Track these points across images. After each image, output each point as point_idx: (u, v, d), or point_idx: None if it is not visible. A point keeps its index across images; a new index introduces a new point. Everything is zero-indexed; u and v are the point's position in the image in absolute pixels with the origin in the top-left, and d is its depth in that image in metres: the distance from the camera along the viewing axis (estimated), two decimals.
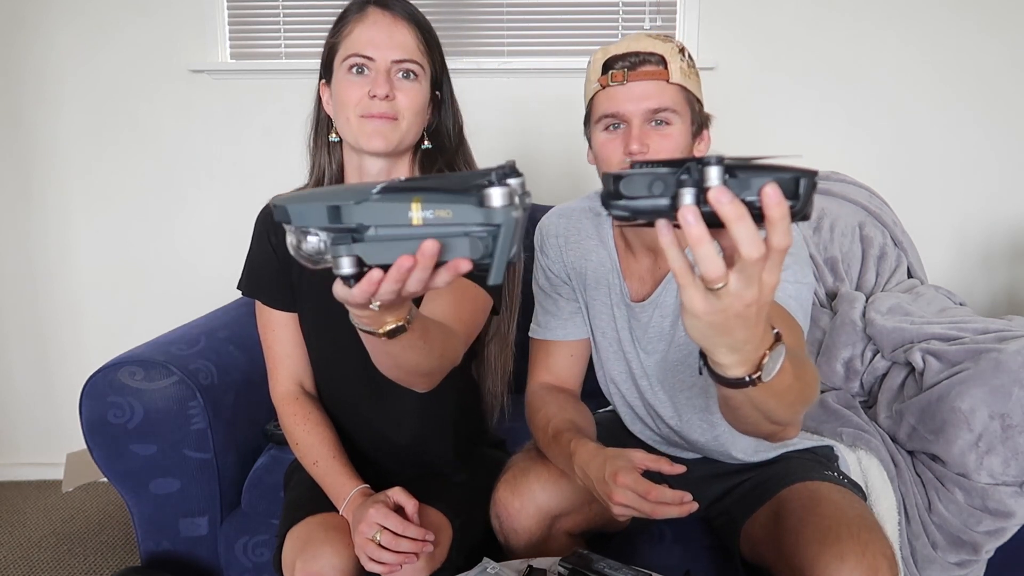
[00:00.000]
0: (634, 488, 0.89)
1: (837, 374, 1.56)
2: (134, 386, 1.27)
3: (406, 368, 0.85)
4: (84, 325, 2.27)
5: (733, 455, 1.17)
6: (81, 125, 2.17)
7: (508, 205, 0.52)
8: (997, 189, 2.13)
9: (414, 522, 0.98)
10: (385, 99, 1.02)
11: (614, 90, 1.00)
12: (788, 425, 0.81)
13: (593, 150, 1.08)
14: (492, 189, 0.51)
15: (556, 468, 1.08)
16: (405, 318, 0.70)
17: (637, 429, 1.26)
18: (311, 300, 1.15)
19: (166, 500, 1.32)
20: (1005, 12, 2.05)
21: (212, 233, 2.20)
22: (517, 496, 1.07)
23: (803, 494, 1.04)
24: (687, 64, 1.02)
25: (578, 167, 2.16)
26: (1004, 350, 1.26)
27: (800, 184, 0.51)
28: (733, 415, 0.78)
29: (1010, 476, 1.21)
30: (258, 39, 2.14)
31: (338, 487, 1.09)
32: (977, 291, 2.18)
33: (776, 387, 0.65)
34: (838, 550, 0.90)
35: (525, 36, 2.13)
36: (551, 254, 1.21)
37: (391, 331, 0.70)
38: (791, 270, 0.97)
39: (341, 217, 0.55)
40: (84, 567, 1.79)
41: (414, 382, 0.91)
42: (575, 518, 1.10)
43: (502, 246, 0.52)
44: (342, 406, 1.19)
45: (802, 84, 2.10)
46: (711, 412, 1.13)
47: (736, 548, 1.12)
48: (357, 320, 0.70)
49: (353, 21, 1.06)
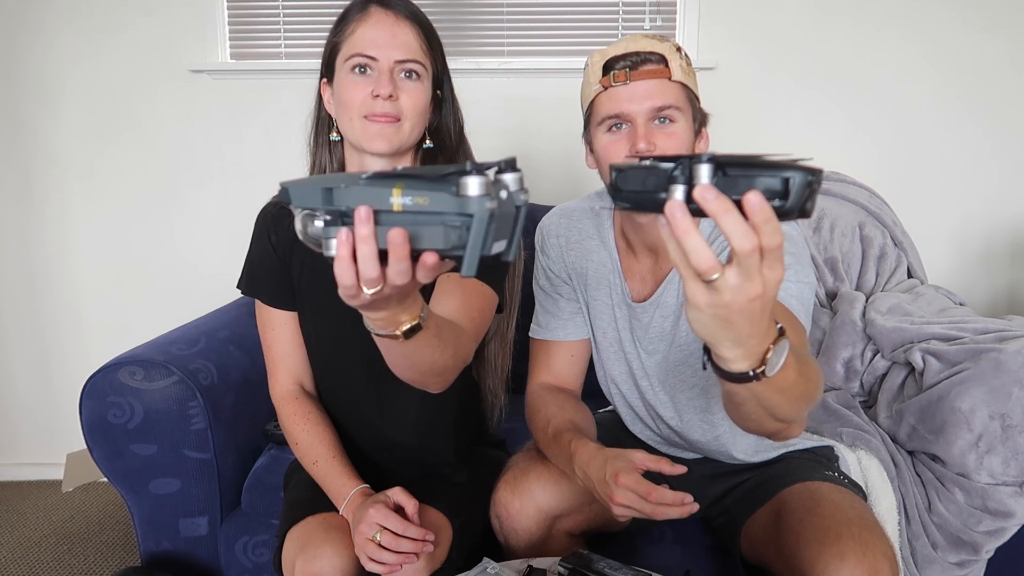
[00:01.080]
0: (635, 489, 0.89)
1: (837, 374, 1.56)
2: (134, 386, 1.27)
3: (421, 368, 0.85)
4: (84, 325, 2.27)
5: (734, 455, 1.17)
6: (81, 125, 2.17)
7: (483, 195, 0.50)
8: (997, 189, 2.13)
9: (414, 522, 0.98)
10: (388, 99, 1.02)
11: (616, 90, 1.00)
12: (792, 423, 0.82)
13: (595, 153, 1.07)
14: (468, 178, 0.50)
15: (556, 468, 1.08)
16: (419, 316, 0.71)
17: (638, 429, 1.26)
18: (312, 300, 1.15)
19: (166, 500, 1.32)
20: (1005, 12, 2.05)
21: (212, 233, 2.20)
22: (517, 496, 1.07)
23: (803, 494, 1.04)
24: (686, 62, 1.03)
25: (578, 167, 2.15)
26: (1004, 350, 1.26)
27: (791, 183, 0.52)
28: (737, 412, 0.78)
29: (1010, 476, 1.21)
30: (258, 39, 2.14)
31: (338, 487, 1.09)
32: (977, 291, 2.18)
33: (780, 383, 0.65)
34: (839, 550, 0.90)
35: (525, 36, 2.13)
36: (552, 254, 1.21)
37: (408, 331, 0.70)
38: (793, 269, 0.96)
39: (333, 199, 0.56)
40: (84, 567, 1.79)
41: (428, 382, 0.91)
42: (575, 518, 1.10)
43: (474, 237, 0.51)
44: (343, 406, 1.19)
45: (802, 84, 2.10)
46: (712, 412, 1.13)
47: (736, 548, 1.12)
48: (373, 325, 0.70)
49: (355, 21, 1.05)
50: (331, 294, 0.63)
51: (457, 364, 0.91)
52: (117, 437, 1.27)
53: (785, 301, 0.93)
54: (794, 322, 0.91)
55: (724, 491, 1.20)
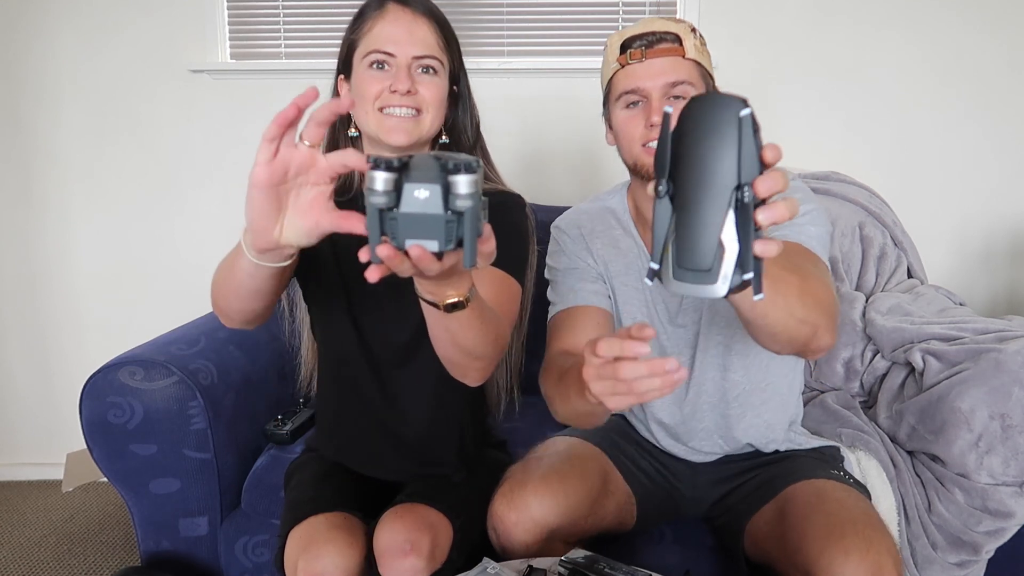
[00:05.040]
0: (601, 375, 0.73)
1: (837, 374, 1.56)
2: (134, 386, 1.27)
3: (464, 348, 0.87)
4: (84, 325, 2.27)
5: (736, 437, 1.17)
6: (81, 125, 2.17)
7: (474, 192, 0.57)
8: (997, 189, 2.13)
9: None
10: (407, 94, 1.02)
11: (633, 68, 1.05)
12: (818, 326, 0.85)
13: (614, 129, 1.11)
14: (459, 176, 0.57)
15: (554, 481, 1.07)
16: (465, 295, 0.75)
17: (654, 426, 1.24)
18: (324, 291, 1.14)
19: (166, 500, 1.32)
20: (1005, 12, 2.05)
21: (212, 233, 2.20)
22: (514, 510, 1.06)
23: (808, 491, 1.05)
24: (700, 42, 1.08)
25: (578, 166, 2.16)
26: (1004, 350, 1.26)
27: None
28: (767, 324, 0.81)
29: (1010, 476, 1.21)
30: (258, 39, 2.14)
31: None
32: (977, 291, 2.18)
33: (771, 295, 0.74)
34: (843, 546, 0.91)
35: (525, 36, 2.13)
36: (575, 246, 1.20)
37: (450, 305, 0.75)
38: (810, 215, 1.04)
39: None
40: (84, 567, 1.79)
41: (468, 368, 0.93)
42: (572, 531, 1.09)
43: (471, 230, 0.58)
44: (355, 403, 1.18)
45: (802, 84, 2.10)
46: (730, 370, 1.15)
47: (740, 546, 1.12)
48: (421, 287, 0.74)
49: (373, 18, 1.06)
50: (346, 289, 0.63)
51: (497, 352, 0.92)
52: (117, 437, 1.27)
53: (807, 243, 1.00)
54: (814, 259, 0.99)
55: (728, 490, 1.20)
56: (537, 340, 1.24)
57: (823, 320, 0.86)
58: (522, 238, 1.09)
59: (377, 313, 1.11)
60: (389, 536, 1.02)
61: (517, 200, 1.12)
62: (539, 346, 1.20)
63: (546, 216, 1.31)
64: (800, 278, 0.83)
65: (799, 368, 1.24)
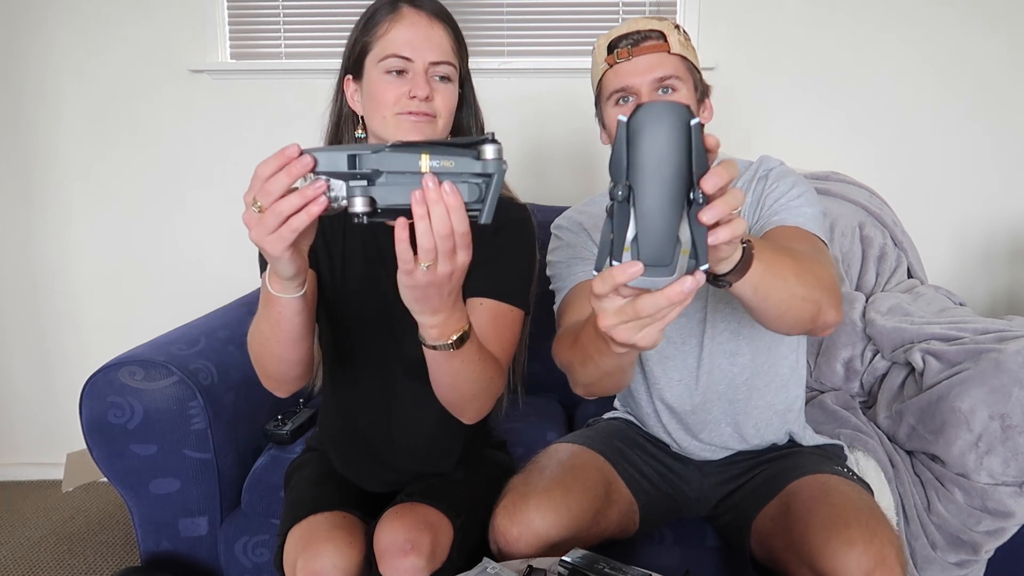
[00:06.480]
0: (622, 317, 0.65)
1: (837, 374, 1.56)
2: (134, 386, 1.27)
3: (464, 386, 0.93)
4: (84, 325, 2.27)
5: (744, 422, 1.18)
6: (81, 125, 2.17)
7: (498, 159, 0.68)
8: (996, 189, 2.13)
9: None
10: (425, 100, 1.02)
11: (621, 66, 1.08)
12: (820, 302, 0.87)
13: (606, 128, 1.14)
14: (487, 145, 0.69)
15: (557, 494, 1.06)
16: (465, 326, 0.84)
17: (666, 419, 1.23)
18: (328, 291, 1.14)
19: (166, 500, 1.32)
20: (1005, 13, 2.05)
21: (212, 233, 2.20)
22: (515, 524, 1.04)
23: (812, 485, 1.06)
24: (684, 37, 1.11)
25: (578, 166, 2.16)
26: (1004, 350, 1.26)
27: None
28: (770, 306, 0.83)
29: (1010, 476, 1.21)
30: (258, 39, 2.14)
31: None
32: (977, 291, 2.18)
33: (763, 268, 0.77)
34: (847, 536, 0.92)
35: (525, 36, 2.13)
36: (576, 237, 1.20)
37: (458, 339, 0.83)
38: (803, 196, 1.07)
39: (358, 164, 0.69)
40: (84, 567, 1.79)
41: (466, 407, 0.99)
42: (575, 543, 1.06)
43: (495, 189, 0.69)
44: (357, 406, 1.18)
45: (802, 84, 2.10)
46: (739, 354, 1.16)
47: (746, 544, 1.12)
48: (427, 335, 0.83)
49: (387, 20, 1.04)
50: (351, 291, 0.65)
51: (493, 390, 0.99)
52: (117, 437, 1.27)
53: (805, 225, 1.04)
54: (814, 241, 1.02)
55: (733, 489, 1.20)
56: (537, 340, 1.25)
57: (825, 296, 0.89)
58: (527, 261, 1.10)
59: (386, 325, 1.11)
60: (389, 535, 1.01)
61: (522, 215, 1.11)
62: (540, 346, 1.20)
63: (546, 216, 1.31)
64: (794, 259, 0.86)
65: (801, 350, 1.24)
